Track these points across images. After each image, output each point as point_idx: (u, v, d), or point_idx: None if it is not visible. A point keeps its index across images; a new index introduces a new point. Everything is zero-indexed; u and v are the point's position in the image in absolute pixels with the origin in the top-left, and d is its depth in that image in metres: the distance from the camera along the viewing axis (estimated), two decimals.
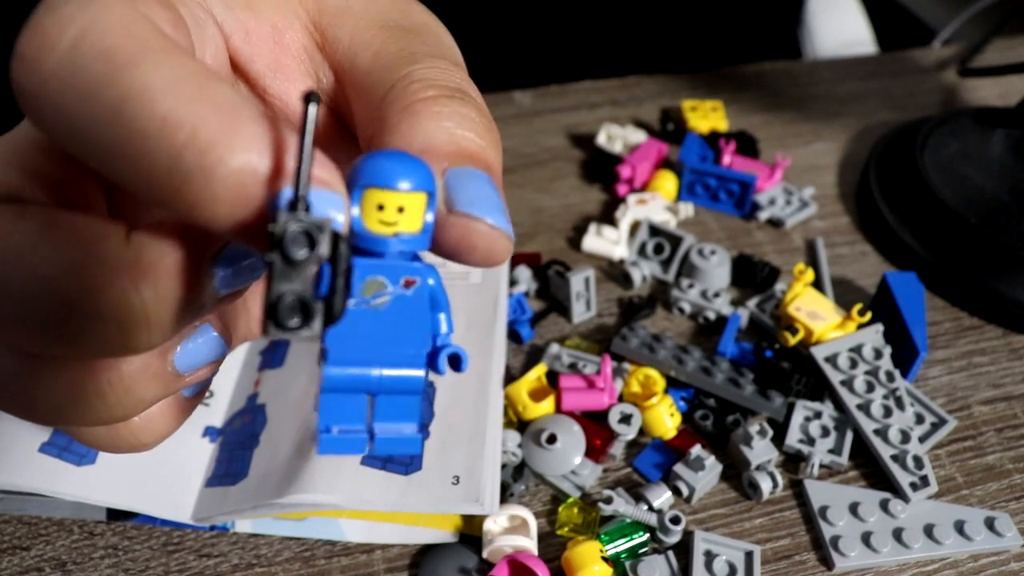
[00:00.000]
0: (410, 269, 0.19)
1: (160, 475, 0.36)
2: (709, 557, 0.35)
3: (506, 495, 0.37)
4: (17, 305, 0.17)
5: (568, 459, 0.38)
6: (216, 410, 0.40)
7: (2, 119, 0.20)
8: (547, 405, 0.40)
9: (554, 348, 0.43)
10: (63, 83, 0.15)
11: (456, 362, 0.19)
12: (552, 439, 0.37)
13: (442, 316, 0.20)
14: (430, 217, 0.19)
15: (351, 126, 0.23)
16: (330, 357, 0.18)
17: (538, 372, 0.41)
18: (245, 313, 0.23)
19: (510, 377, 0.42)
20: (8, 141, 0.19)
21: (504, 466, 0.38)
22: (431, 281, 0.19)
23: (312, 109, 0.16)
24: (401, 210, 0.18)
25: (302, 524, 0.36)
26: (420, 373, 0.19)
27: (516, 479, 0.37)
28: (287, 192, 0.16)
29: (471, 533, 0.36)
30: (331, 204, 0.17)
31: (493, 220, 0.19)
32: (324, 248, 0.16)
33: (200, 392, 0.23)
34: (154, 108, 0.15)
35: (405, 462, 0.35)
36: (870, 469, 0.39)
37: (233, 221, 0.16)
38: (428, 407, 0.37)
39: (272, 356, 0.42)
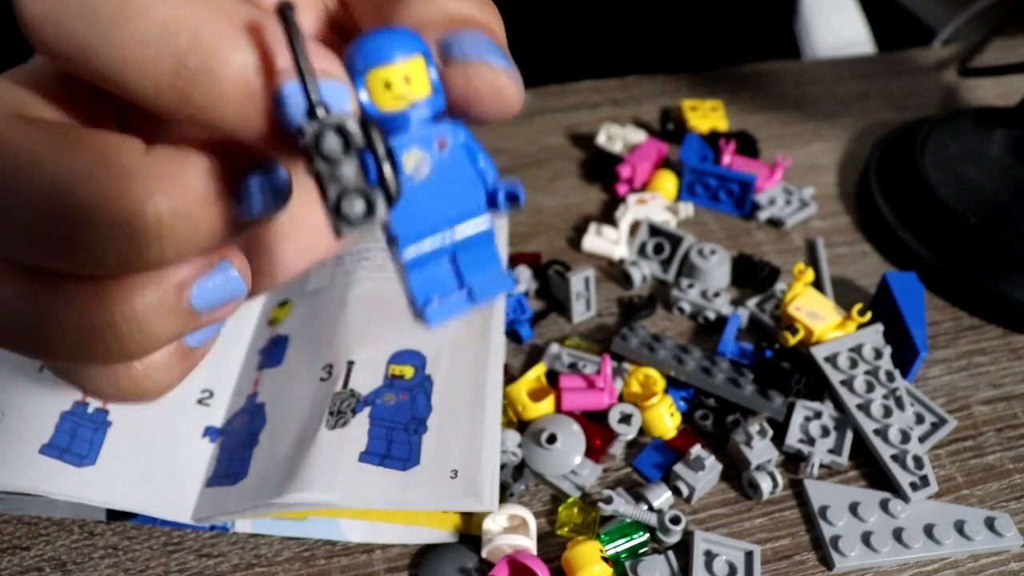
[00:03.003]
0: (438, 130, 0.19)
1: (160, 476, 0.36)
2: (709, 557, 0.35)
3: (506, 495, 0.37)
4: (29, 213, 0.17)
5: (568, 459, 0.38)
6: (216, 410, 0.40)
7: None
8: (547, 405, 0.40)
9: (554, 348, 0.43)
10: (64, 4, 0.16)
11: (515, 198, 0.20)
12: (552, 439, 0.37)
13: (482, 161, 0.20)
14: (434, 74, 0.19)
15: None
16: (401, 238, 0.19)
17: (538, 372, 0.41)
18: (266, 257, 0.23)
19: (510, 377, 0.42)
20: (21, 68, 0.19)
21: (504, 466, 0.38)
22: (461, 136, 0.19)
23: (289, 14, 0.16)
24: (407, 80, 0.18)
25: (302, 524, 0.36)
26: (485, 219, 0.20)
27: (516, 479, 0.37)
28: (292, 88, 0.17)
29: (471, 533, 0.36)
30: (337, 93, 0.17)
31: (493, 60, 0.19)
32: (359, 138, 0.17)
33: (206, 344, 0.22)
34: (154, 14, 0.16)
35: (403, 457, 0.35)
36: (870, 469, 0.39)
37: (242, 121, 0.17)
38: (425, 401, 0.37)
39: (271, 355, 0.42)
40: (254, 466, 0.36)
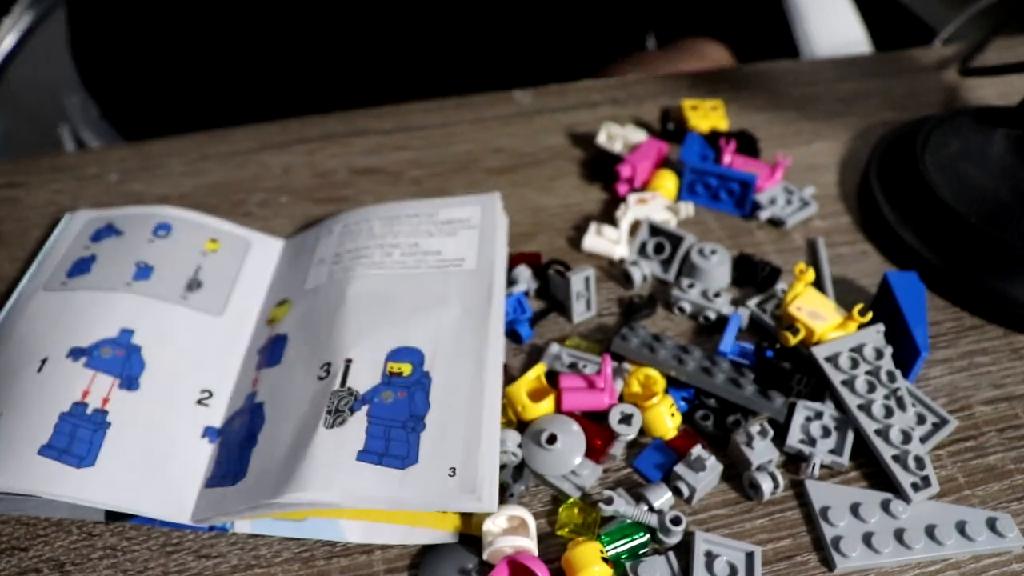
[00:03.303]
0: None
1: (160, 476, 0.36)
2: (710, 558, 0.35)
3: (506, 495, 0.37)
4: None
5: (568, 459, 0.38)
6: (215, 410, 0.40)
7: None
8: (547, 405, 0.39)
9: (554, 348, 0.43)
10: None
11: None
12: (552, 439, 0.37)
13: None
14: None
15: None
16: None
17: (537, 372, 0.41)
18: None
19: (510, 377, 0.42)
20: None
21: (504, 466, 0.38)
22: None
23: None
24: None
25: (301, 525, 0.36)
26: None
27: (516, 479, 0.37)
28: None
29: (471, 533, 0.36)
30: None
31: None
32: None
33: None
34: None
35: (401, 455, 0.35)
36: (871, 469, 0.39)
37: None
38: (424, 398, 0.37)
39: (270, 354, 0.42)
40: (253, 466, 0.36)
